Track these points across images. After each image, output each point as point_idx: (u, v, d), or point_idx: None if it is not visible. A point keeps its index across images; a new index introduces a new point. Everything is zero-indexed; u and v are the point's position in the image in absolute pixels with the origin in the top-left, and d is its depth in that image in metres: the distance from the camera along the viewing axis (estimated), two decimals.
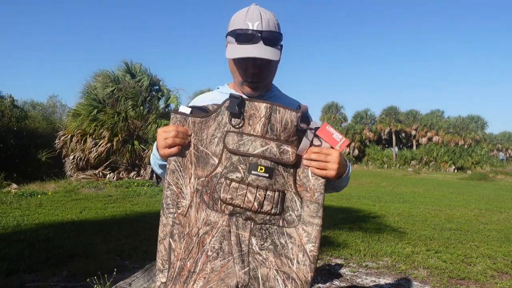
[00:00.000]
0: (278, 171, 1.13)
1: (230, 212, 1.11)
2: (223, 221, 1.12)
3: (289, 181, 1.14)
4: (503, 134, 43.09)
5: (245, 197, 1.09)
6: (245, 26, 1.15)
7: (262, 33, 1.15)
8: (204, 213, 1.14)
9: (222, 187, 1.10)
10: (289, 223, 1.14)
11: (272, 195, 1.10)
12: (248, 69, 1.21)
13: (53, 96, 30.03)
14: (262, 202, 1.09)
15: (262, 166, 1.10)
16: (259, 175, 1.10)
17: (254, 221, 1.12)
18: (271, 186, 1.11)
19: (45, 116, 20.29)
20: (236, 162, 1.12)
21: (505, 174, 25.07)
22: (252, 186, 1.09)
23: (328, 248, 4.76)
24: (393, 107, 40.46)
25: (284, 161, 1.11)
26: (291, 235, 1.14)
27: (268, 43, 1.16)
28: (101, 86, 12.92)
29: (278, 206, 1.11)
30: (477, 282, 3.75)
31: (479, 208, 9.34)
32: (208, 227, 1.13)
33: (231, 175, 1.11)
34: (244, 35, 1.15)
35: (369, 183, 17.22)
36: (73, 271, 3.61)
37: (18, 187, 10.62)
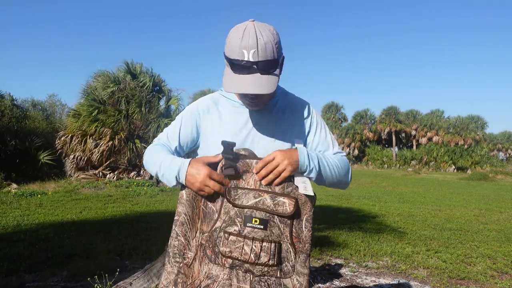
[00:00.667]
0: (273, 222, 1.14)
1: (230, 265, 1.13)
2: (224, 274, 1.13)
3: (285, 232, 1.15)
4: (503, 134, 43.07)
5: (242, 250, 1.10)
6: (241, 56, 1.09)
7: (258, 64, 1.09)
8: (207, 266, 1.16)
9: (222, 241, 1.12)
10: (285, 273, 1.15)
11: (268, 246, 1.11)
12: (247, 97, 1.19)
13: (53, 96, 30.02)
14: (259, 254, 1.10)
15: (257, 218, 1.12)
16: (254, 227, 1.12)
17: (252, 273, 1.13)
18: (267, 238, 1.12)
19: (45, 116, 20.29)
20: (233, 215, 1.14)
21: (505, 174, 25.07)
22: (248, 238, 1.10)
23: (328, 248, 4.76)
24: (393, 107, 40.45)
25: (279, 213, 1.13)
26: (287, 286, 1.15)
27: (265, 72, 1.12)
28: (102, 86, 12.91)
29: (275, 257, 1.12)
30: (477, 282, 3.75)
31: (479, 208, 9.34)
32: (209, 280, 1.14)
33: (229, 229, 1.13)
34: (239, 65, 1.11)
35: (369, 183, 17.22)
36: (73, 271, 3.61)
37: (18, 187, 10.62)
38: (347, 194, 11.98)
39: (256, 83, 1.10)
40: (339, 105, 45.02)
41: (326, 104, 45.46)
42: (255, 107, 1.24)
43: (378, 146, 41.06)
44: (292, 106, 1.33)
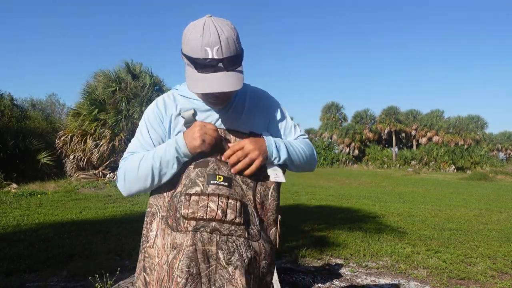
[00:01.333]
0: (236, 182, 1.13)
1: (194, 227, 1.07)
2: (187, 240, 1.07)
3: (248, 194, 1.14)
4: (503, 134, 43.08)
5: (207, 207, 1.06)
6: (204, 54, 1.05)
7: (223, 61, 1.05)
8: (170, 237, 1.11)
9: (183, 204, 1.08)
10: (253, 236, 1.13)
11: (234, 203, 1.08)
12: (211, 96, 1.16)
13: (52, 95, 30.01)
14: (226, 210, 1.07)
15: (220, 175, 1.10)
16: (219, 184, 1.09)
17: (220, 232, 1.07)
18: (232, 195, 1.09)
19: (45, 116, 20.29)
20: (194, 177, 1.11)
21: (505, 174, 25.06)
22: (213, 195, 1.07)
23: (328, 248, 4.76)
24: (393, 107, 40.47)
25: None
26: (255, 249, 1.13)
27: (231, 69, 1.08)
28: (102, 86, 12.92)
29: (241, 216, 1.09)
30: (477, 282, 3.75)
31: (479, 208, 9.34)
32: (175, 250, 1.09)
33: (190, 191, 1.09)
34: (203, 64, 1.06)
35: (369, 183, 17.22)
36: (73, 271, 3.61)
37: (18, 187, 10.62)
38: (347, 194, 11.99)
39: (223, 81, 1.06)
40: (339, 105, 45.07)
41: (326, 104, 45.54)
42: (219, 105, 1.20)
43: (378, 146, 41.07)
44: (251, 96, 1.30)
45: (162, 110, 1.24)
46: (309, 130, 46.54)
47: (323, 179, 18.73)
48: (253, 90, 1.33)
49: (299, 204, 9.11)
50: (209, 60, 1.05)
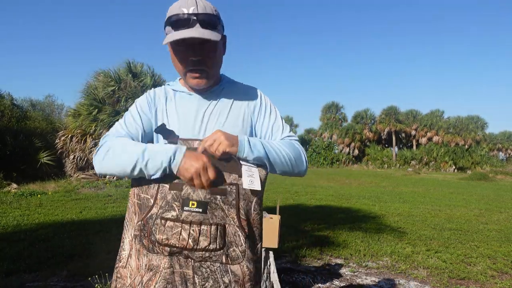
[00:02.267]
0: (215, 204, 1.06)
1: (169, 252, 1.05)
2: (164, 263, 1.05)
3: (231, 213, 1.07)
4: (503, 134, 43.04)
5: (179, 235, 1.02)
6: (180, 11, 1.11)
7: (198, 15, 1.10)
8: (146, 258, 1.07)
9: (158, 228, 1.04)
10: (233, 259, 1.07)
11: (207, 229, 1.03)
12: (188, 57, 1.15)
13: (49, 96, 30.06)
14: (198, 239, 1.02)
15: (194, 201, 1.04)
16: (192, 211, 1.04)
17: (193, 259, 1.05)
18: (206, 221, 1.04)
19: (44, 116, 20.30)
20: (170, 200, 1.06)
21: (505, 174, 25.06)
22: (185, 222, 1.03)
23: (328, 248, 4.76)
24: (393, 107, 40.47)
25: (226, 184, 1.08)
26: (236, 273, 1.07)
27: (206, 26, 1.11)
28: (102, 85, 12.92)
29: (217, 241, 1.04)
30: (477, 282, 3.75)
31: (479, 208, 9.34)
32: (151, 272, 1.06)
33: (166, 215, 1.05)
34: (179, 20, 1.10)
35: (369, 183, 17.22)
36: (73, 271, 3.61)
37: (18, 187, 10.62)
38: (347, 194, 11.99)
39: (197, 31, 1.09)
40: (339, 105, 45.06)
41: (326, 104, 45.53)
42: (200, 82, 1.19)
43: (378, 146, 41.06)
44: (239, 92, 1.31)
45: (153, 98, 1.26)
46: (309, 130, 46.54)
47: (323, 179, 18.73)
48: (243, 86, 1.34)
49: (299, 204, 9.11)
50: (185, 15, 1.09)
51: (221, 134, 1.10)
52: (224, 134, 1.10)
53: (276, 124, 1.30)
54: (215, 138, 1.09)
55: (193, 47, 1.13)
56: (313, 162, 38.31)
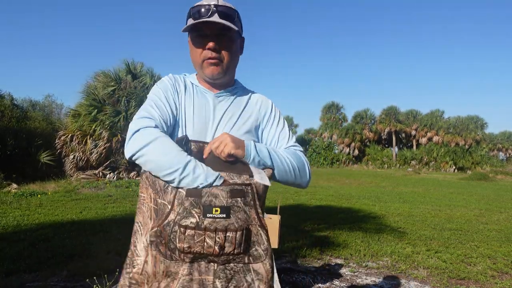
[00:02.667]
0: (238, 207, 1.04)
1: (191, 259, 1.04)
2: (183, 269, 1.04)
3: (252, 214, 1.07)
4: (503, 134, 43.06)
5: (204, 243, 1.01)
6: (201, 3, 1.18)
7: (218, 7, 1.15)
8: (163, 265, 1.05)
9: (177, 236, 1.01)
10: (256, 258, 1.08)
11: (233, 236, 1.02)
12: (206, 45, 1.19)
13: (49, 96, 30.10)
14: (223, 245, 1.02)
15: (217, 207, 1.02)
16: (216, 217, 1.01)
17: (217, 262, 1.05)
18: (231, 226, 1.02)
19: (44, 116, 20.30)
20: (189, 206, 1.02)
21: (505, 174, 25.06)
22: (209, 230, 1.01)
23: (328, 248, 4.76)
24: (393, 107, 40.47)
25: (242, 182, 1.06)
26: (258, 271, 1.08)
27: (224, 16, 1.16)
28: (102, 86, 12.92)
29: (241, 246, 1.04)
30: (477, 282, 3.75)
31: (479, 208, 9.34)
32: (169, 279, 1.05)
33: (185, 222, 1.01)
34: (198, 11, 1.16)
35: (369, 183, 17.21)
36: (73, 271, 3.61)
37: (18, 187, 10.62)
38: (347, 194, 11.99)
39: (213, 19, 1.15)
40: (339, 105, 45.05)
41: (326, 104, 45.52)
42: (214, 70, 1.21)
43: (378, 146, 41.05)
44: (252, 97, 1.35)
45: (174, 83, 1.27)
46: (309, 130, 46.53)
47: (323, 179, 18.73)
48: (256, 94, 1.38)
49: (299, 204, 9.11)
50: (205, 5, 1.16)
51: (227, 136, 1.11)
52: (230, 137, 1.11)
53: (283, 133, 1.33)
54: (221, 140, 1.10)
55: (211, 37, 1.18)
56: (313, 162, 38.30)
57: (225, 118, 1.24)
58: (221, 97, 1.28)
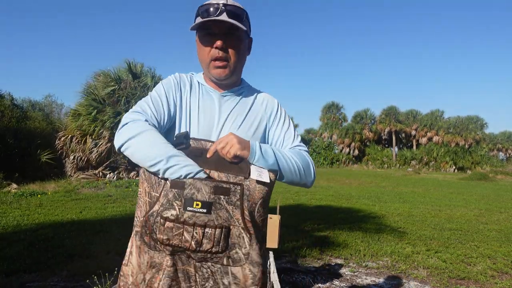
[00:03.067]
0: (220, 205, 1.02)
1: (171, 252, 1.04)
2: (167, 261, 1.04)
3: (235, 214, 1.04)
4: (503, 134, 43.07)
5: (182, 236, 1.00)
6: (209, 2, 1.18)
7: (226, 6, 1.15)
8: (147, 255, 1.05)
9: (158, 228, 1.02)
10: (235, 261, 1.05)
11: (211, 233, 1.00)
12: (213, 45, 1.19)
13: (49, 96, 30.11)
14: (201, 241, 1.00)
15: (199, 201, 1.00)
16: (196, 211, 1.00)
17: (193, 259, 1.05)
18: (211, 222, 1.01)
19: (44, 116, 20.30)
20: (171, 198, 1.02)
21: (505, 174, 25.06)
22: (188, 224, 1.00)
23: (328, 248, 4.76)
24: (393, 107, 40.47)
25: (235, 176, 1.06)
26: (236, 275, 1.05)
27: (232, 16, 1.15)
28: (102, 85, 12.91)
29: (220, 244, 1.02)
30: (477, 282, 3.75)
31: (479, 208, 9.34)
32: (153, 269, 1.05)
33: (166, 213, 1.01)
34: (207, 10, 1.16)
35: (369, 183, 17.21)
36: (73, 271, 3.61)
37: (18, 187, 10.62)
38: (347, 194, 11.99)
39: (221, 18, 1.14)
40: (339, 105, 45.06)
41: (326, 104, 45.53)
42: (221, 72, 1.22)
43: (378, 146, 41.06)
44: (258, 97, 1.35)
45: (179, 82, 1.28)
46: (309, 130, 46.54)
47: (323, 179, 18.72)
48: (262, 93, 1.38)
49: (299, 204, 9.11)
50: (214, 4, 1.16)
51: (233, 137, 1.11)
52: (236, 138, 1.11)
53: (288, 132, 1.33)
54: (227, 140, 1.10)
55: (219, 36, 1.17)
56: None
57: (230, 118, 1.25)
58: (227, 97, 1.29)
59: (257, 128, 1.28)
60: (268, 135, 1.32)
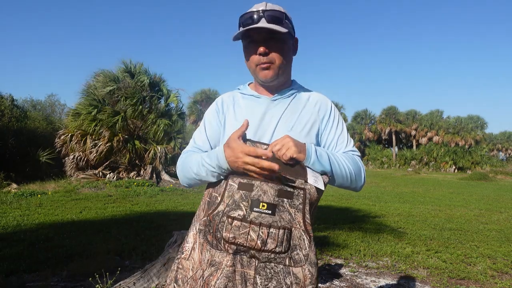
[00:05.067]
0: (283, 207, 1.08)
1: (234, 251, 1.08)
2: (227, 260, 1.09)
3: (297, 217, 1.09)
4: (503, 134, 43.12)
5: (248, 235, 1.05)
6: (249, 10, 1.19)
7: (265, 12, 1.17)
8: (209, 253, 1.11)
9: (224, 226, 1.07)
10: (296, 262, 1.09)
11: (276, 233, 1.06)
12: (257, 51, 1.20)
13: (52, 95, 30.13)
14: (266, 240, 1.05)
15: (264, 202, 1.07)
16: (261, 212, 1.06)
17: (258, 259, 1.08)
18: (275, 223, 1.06)
19: (45, 116, 20.29)
20: (238, 199, 1.09)
21: (505, 174, 25.07)
22: (254, 224, 1.05)
23: (328, 248, 4.76)
24: (392, 107, 40.52)
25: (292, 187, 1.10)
26: (297, 276, 1.09)
27: (272, 20, 1.17)
28: (101, 85, 12.91)
29: (283, 244, 1.06)
30: (477, 282, 3.75)
31: (479, 208, 9.34)
32: (213, 267, 1.10)
33: (233, 213, 1.07)
34: (247, 18, 1.18)
35: (369, 183, 17.21)
36: (73, 271, 3.61)
37: (18, 187, 10.62)
38: (347, 194, 11.99)
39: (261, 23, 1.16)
40: (339, 105, 45.04)
41: None
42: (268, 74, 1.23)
43: (378, 146, 41.10)
44: (310, 98, 1.34)
45: (221, 107, 1.32)
46: None
47: None
48: (315, 94, 1.37)
49: None
50: (254, 12, 1.18)
51: (290, 139, 1.12)
52: (292, 140, 1.12)
53: (341, 136, 1.32)
54: (284, 143, 1.11)
55: (260, 42, 1.19)
56: None
57: (282, 121, 1.24)
58: (277, 101, 1.28)
59: (309, 130, 1.26)
60: (321, 138, 1.30)
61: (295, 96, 1.31)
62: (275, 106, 1.27)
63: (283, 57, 1.22)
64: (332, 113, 1.33)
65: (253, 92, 1.30)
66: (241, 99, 1.31)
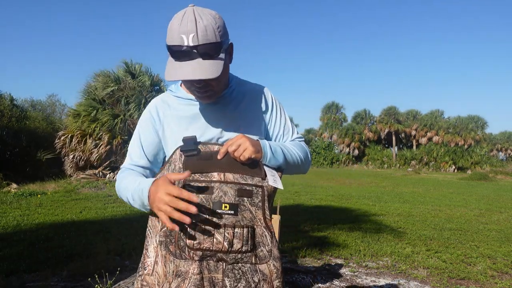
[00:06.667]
0: (244, 206, 1.08)
1: (200, 257, 1.06)
2: (193, 268, 1.06)
3: (258, 215, 1.10)
4: (503, 134, 43.13)
5: (213, 239, 1.04)
6: (179, 41, 1.01)
7: (197, 48, 1.01)
8: (173, 264, 1.08)
9: (187, 233, 1.04)
10: (261, 259, 1.11)
11: (240, 232, 1.05)
12: (192, 85, 1.11)
13: (52, 96, 30.13)
14: (232, 241, 1.04)
15: (226, 203, 1.06)
16: (224, 213, 1.05)
17: (225, 261, 1.07)
18: (238, 223, 1.06)
19: (45, 116, 20.29)
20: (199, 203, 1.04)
21: (505, 174, 25.06)
22: (219, 226, 1.04)
23: (328, 248, 4.76)
24: (392, 107, 40.54)
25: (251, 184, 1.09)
26: (264, 272, 1.11)
27: (207, 57, 1.03)
28: (101, 86, 12.91)
29: (248, 243, 1.07)
30: (477, 282, 3.75)
31: (479, 208, 9.34)
32: (179, 278, 1.06)
33: (194, 218, 1.03)
34: (179, 52, 1.03)
35: (369, 183, 17.21)
36: (73, 271, 3.61)
37: (18, 187, 10.62)
38: (347, 194, 11.99)
39: (198, 68, 1.02)
40: (339, 105, 45.15)
41: (326, 104, 45.65)
42: (207, 99, 1.14)
43: (378, 146, 41.10)
44: (250, 93, 1.26)
45: (154, 115, 1.21)
46: (309, 130, 46.59)
47: (323, 179, 18.73)
48: (252, 87, 1.30)
49: (299, 204, 9.11)
50: (184, 47, 1.02)
51: (245, 139, 1.09)
52: (248, 140, 1.09)
53: (287, 126, 1.32)
54: (240, 143, 1.08)
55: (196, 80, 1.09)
56: (313, 162, 38.33)
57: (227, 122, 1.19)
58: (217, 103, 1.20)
59: (258, 126, 1.24)
60: (267, 130, 1.30)
61: (235, 94, 1.23)
62: (217, 109, 1.19)
63: (221, 80, 1.12)
64: (274, 105, 1.30)
65: (190, 96, 1.20)
66: (178, 104, 1.20)
